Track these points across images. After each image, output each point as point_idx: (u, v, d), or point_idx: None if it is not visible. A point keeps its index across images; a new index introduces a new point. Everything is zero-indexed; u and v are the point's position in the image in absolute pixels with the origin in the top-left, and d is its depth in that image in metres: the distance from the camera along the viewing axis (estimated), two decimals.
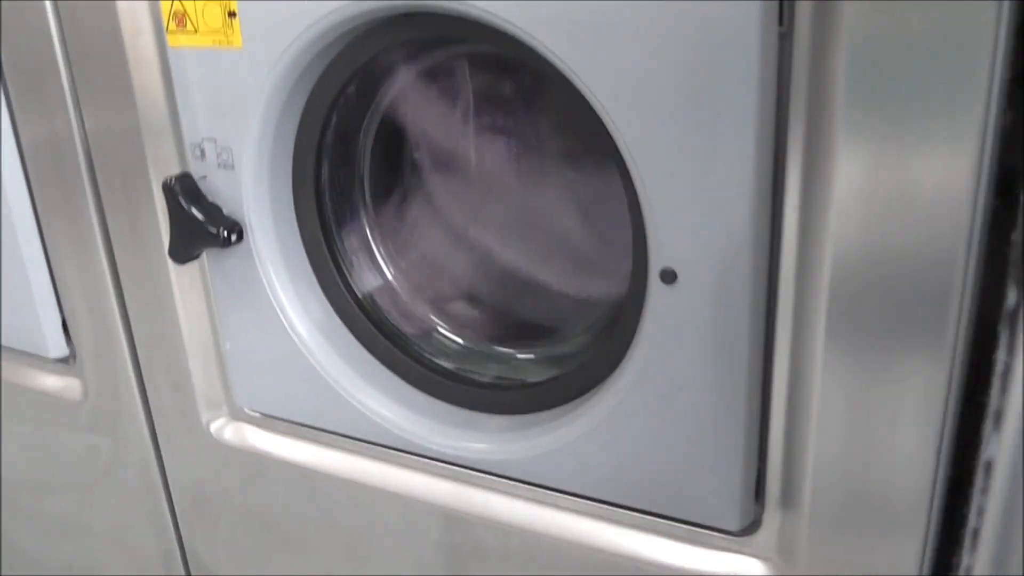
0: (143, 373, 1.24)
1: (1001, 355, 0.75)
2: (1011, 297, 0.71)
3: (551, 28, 0.77)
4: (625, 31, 0.75)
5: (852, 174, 0.71)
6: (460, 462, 1.02)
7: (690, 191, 0.78)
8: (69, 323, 1.30)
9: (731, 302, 0.80)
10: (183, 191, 1.02)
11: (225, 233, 1.01)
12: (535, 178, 1.04)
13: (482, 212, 1.07)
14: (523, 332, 1.08)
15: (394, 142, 1.09)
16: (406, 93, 1.05)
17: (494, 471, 1.01)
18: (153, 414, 1.27)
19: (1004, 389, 0.73)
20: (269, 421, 1.17)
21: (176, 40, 1.00)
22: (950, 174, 0.67)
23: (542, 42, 0.79)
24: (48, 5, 1.08)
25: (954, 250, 0.69)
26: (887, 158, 0.69)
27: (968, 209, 0.67)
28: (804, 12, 0.72)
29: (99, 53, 1.06)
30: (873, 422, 0.76)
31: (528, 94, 1.01)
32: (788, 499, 0.85)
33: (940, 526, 0.78)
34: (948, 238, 0.69)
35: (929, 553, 0.79)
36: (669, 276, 0.83)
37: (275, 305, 1.05)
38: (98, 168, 1.14)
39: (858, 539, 0.80)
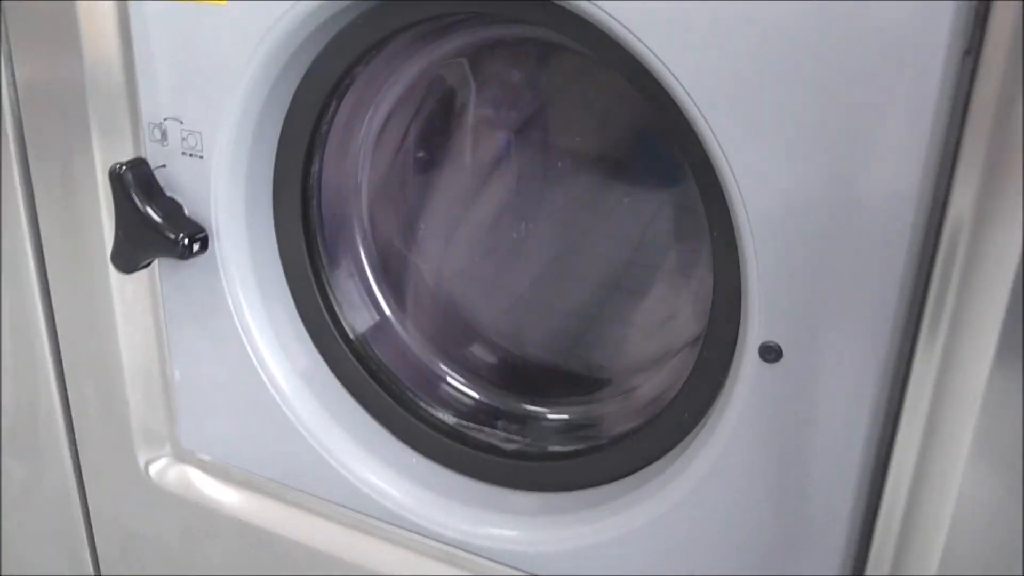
0: (69, 394, 1.06)
1: None
2: None
3: (642, 19, 0.61)
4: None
5: None
6: (474, 550, 0.84)
7: (822, 259, 0.61)
8: None
9: (849, 386, 0.65)
10: (135, 183, 0.83)
11: (186, 241, 0.82)
12: (585, 191, 0.83)
13: (513, 232, 0.87)
14: (556, 387, 0.88)
15: (402, 140, 0.88)
16: (426, 80, 0.84)
17: (520, 567, 0.82)
18: (79, 444, 1.09)
19: None
20: (223, 467, 0.99)
21: None
22: None
23: (641, 39, 0.60)
24: None
25: None
26: None
27: None
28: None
29: None
30: None
31: (583, 91, 0.81)
32: None
33: None
34: None
35: None
36: (772, 353, 0.65)
37: (241, 333, 0.87)
38: (29, 139, 0.94)
39: None
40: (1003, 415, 0.59)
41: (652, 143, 0.82)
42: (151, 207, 0.82)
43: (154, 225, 0.82)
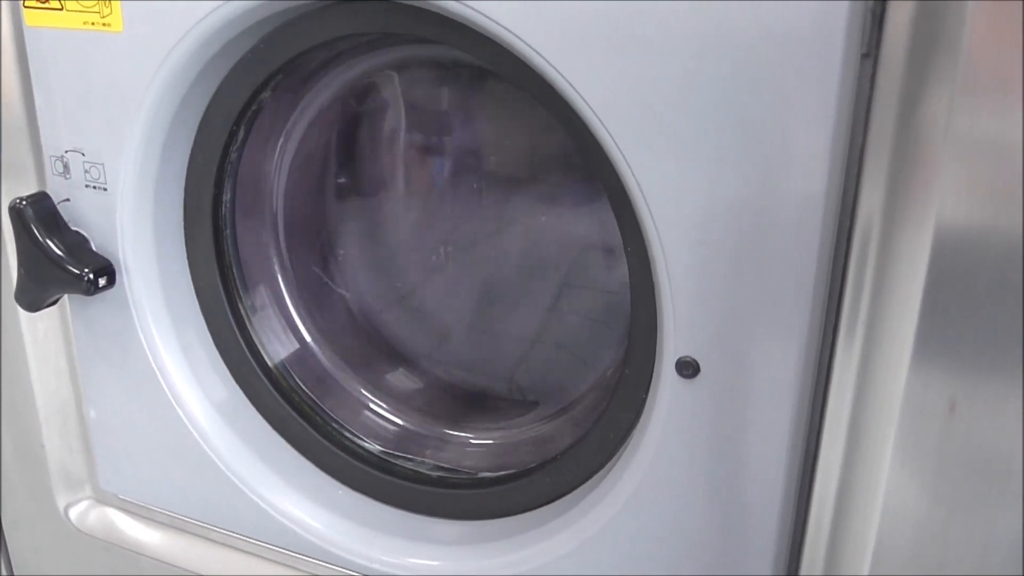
0: None
1: None
2: None
3: (542, 34, 0.60)
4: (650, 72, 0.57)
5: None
6: None
7: (734, 270, 0.60)
8: None
9: (769, 397, 0.63)
10: (36, 217, 0.80)
11: (91, 275, 0.78)
12: (507, 213, 0.82)
13: (434, 256, 0.85)
14: (482, 411, 0.86)
15: (319, 165, 0.86)
16: (339, 103, 0.82)
17: None
18: None
19: None
20: (144, 508, 0.96)
21: (35, 18, 0.77)
22: None
23: (541, 54, 0.59)
24: None
25: None
26: None
27: None
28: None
29: None
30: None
31: (500, 109, 0.80)
32: None
33: None
34: None
35: None
36: (690, 368, 0.63)
37: (155, 369, 0.85)
38: None
39: None
40: (922, 416, 0.59)
41: (575, 165, 0.81)
42: (53, 241, 0.79)
43: (57, 260, 0.79)
